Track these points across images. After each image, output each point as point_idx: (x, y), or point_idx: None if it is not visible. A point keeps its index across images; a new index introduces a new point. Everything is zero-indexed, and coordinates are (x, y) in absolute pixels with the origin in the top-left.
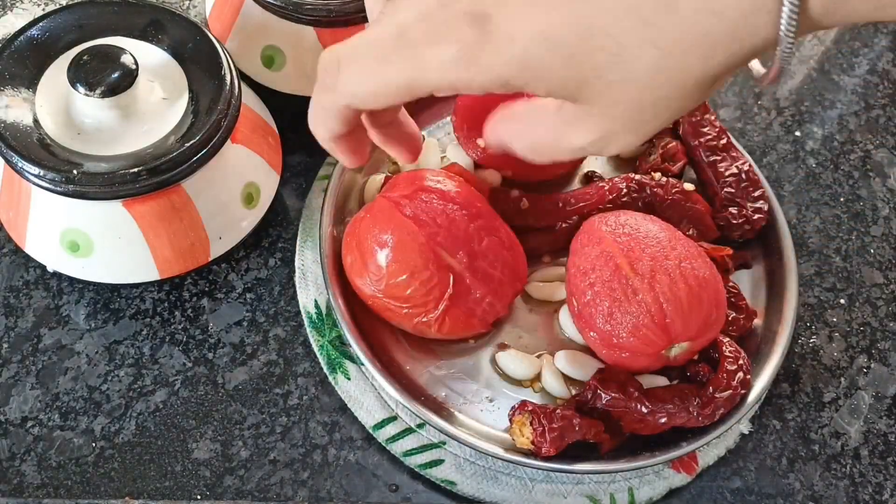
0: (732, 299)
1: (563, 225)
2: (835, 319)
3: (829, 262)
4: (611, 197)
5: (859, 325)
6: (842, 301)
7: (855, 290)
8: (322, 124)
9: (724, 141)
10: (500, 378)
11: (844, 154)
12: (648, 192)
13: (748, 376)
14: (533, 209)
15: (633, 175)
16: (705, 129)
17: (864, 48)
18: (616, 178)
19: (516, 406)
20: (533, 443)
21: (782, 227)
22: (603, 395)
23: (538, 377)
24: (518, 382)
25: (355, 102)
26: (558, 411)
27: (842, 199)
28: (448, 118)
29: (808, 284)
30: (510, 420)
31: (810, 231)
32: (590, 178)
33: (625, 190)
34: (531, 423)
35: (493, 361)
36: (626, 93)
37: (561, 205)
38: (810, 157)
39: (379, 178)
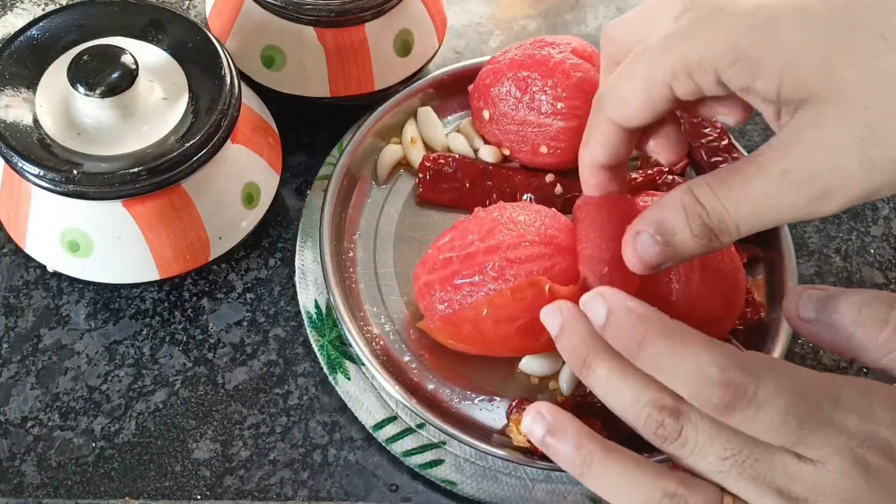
0: None
1: None
2: None
3: (829, 262)
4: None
5: None
6: None
7: None
8: (652, 88)
9: (725, 142)
10: (502, 377)
11: None
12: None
13: None
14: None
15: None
16: (706, 130)
17: None
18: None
19: (513, 404)
20: (529, 441)
21: (782, 226)
22: None
23: (555, 376)
24: (524, 381)
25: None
26: None
27: None
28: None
29: (808, 284)
30: (507, 418)
31: (810, 231)
32: None
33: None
34: None
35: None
36: (878, 91)
37: None
38: None
39: (395, 149)
